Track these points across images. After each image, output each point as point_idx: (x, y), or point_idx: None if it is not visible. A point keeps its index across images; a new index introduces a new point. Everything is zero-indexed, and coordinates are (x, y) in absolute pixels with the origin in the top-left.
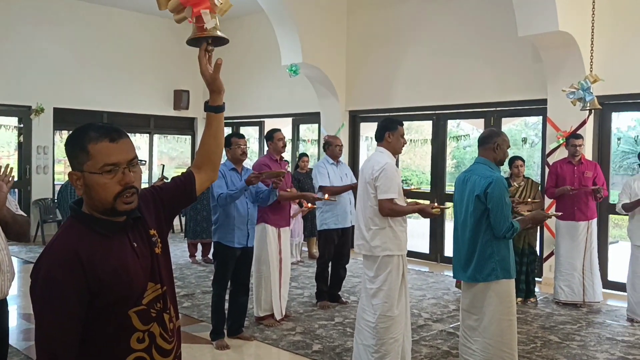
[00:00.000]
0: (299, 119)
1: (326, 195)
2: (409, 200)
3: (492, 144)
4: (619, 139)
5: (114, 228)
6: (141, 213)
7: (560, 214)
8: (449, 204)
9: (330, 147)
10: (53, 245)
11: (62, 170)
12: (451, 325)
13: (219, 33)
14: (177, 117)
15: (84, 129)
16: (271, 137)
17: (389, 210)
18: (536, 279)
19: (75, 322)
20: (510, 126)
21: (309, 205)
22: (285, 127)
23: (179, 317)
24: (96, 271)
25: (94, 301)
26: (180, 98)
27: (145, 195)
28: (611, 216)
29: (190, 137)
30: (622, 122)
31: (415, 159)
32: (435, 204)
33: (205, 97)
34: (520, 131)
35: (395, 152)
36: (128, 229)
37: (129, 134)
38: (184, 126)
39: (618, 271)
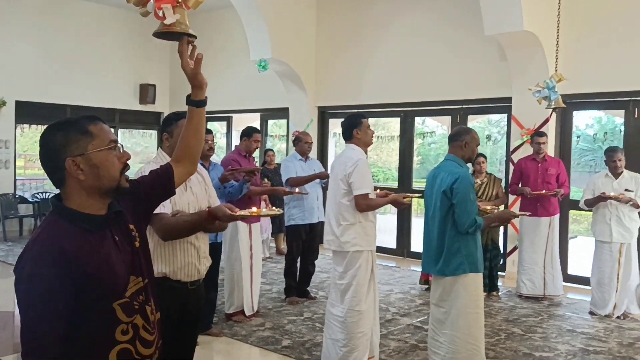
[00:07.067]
0: (267, 114)
1: (297, 189)
2: (378, 190)
3: (460, 141)
4: (578, 136)
5: (98, 223)
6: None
7: (528, 213)
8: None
9: (300, 142)
10: (37, 240)
11: (23, 165)
12: (418, 319)
13: (184, 28)
14: (143, 111)
15: (72, 118)
16: (250, 135)
17: (365, 205)
18: (499, 273)
19: (61, 318)
20: (474, 124)
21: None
22: (253, 122)
23: (159, 310)
24: (82, 266)
25: (80, 295)
26: (147, 92)
27: None
28: (571, 212)
29: (156, 132)
30: (580, 120)
31: (382, 156)
32: (406, 194)
33: (172, 91)
34: (484, 128)
35: (366, 144)
36: (110, 224)
37: None
38: (150, 121)
39: (577, 265)
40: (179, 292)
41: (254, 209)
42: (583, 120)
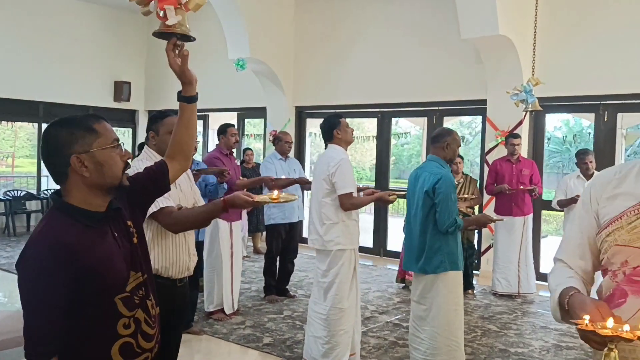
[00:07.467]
0: (244, 114)
1: (283, 176)
2: (363, 187)
3: (442, 142)
4: (548, 138)
5: (97, 219)
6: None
7: (502, 219)
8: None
9: (279, 142)
10: (38, 235)
11: None
12: (396, 317)
13: (184, 30)
14: (118, 109)
15: (77, 116)
16: (224, 131)
17: (350, 204)
18: (474, 271)
19: (62, 312)
20: (447, 125)
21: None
22: (230, 121)
23: (158, 304)
24: (82, 261)
25: (81, 289)
26: (121, 90)
27: None
28: (542, 211)
29: (131, 129)
30: (549, 123)
31: (357, 156)
32: (391, 191)
33: (147, 89)
34: (455, 130)
35: (348, 143)
36: (110, 220)
37: None
38: (124, 118)
39: (549, 264)
40: (168, 289)
41: (275, 193)
42: (552, 123)
